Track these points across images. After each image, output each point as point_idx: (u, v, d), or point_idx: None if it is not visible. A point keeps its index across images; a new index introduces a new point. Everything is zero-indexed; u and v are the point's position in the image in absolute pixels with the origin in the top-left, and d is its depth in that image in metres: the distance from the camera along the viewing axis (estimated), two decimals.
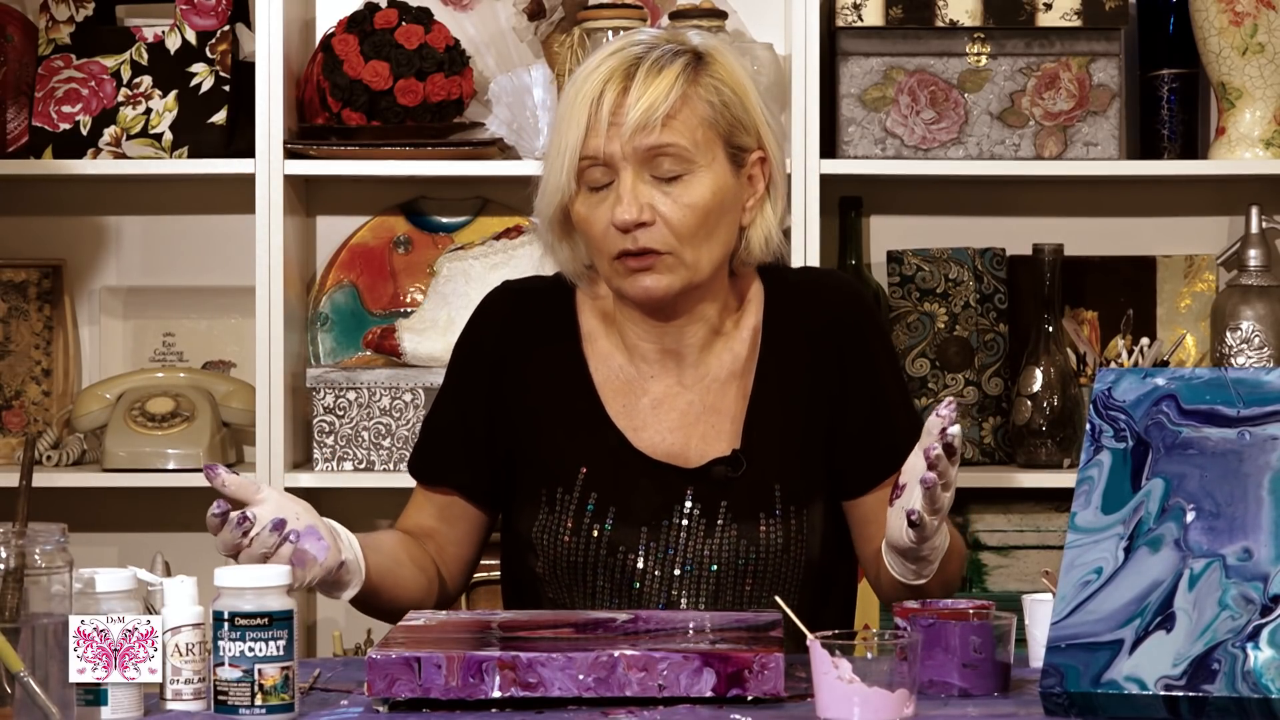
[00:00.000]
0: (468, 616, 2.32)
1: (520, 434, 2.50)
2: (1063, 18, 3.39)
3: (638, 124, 2.37)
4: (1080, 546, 2.02)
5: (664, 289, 2.41)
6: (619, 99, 2.38)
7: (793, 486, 2.45)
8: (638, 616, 2.25)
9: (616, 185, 2.39)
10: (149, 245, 3.65)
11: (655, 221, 2.38)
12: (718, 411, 2.48)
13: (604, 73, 2.40)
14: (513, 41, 3.56)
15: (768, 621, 2.20)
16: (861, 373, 2.49)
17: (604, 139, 2.38)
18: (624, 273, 2.40)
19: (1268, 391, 2.05)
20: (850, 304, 2.52)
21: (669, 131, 2.38)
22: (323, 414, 3.38)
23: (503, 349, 2.51)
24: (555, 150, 2.41)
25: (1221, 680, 1.89)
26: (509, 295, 2.56)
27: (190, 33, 3.49)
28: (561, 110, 2.42)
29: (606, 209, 2.39)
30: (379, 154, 3.38)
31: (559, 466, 2.46)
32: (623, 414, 2.48)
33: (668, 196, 2.39)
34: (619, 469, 2.46)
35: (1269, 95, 3.43)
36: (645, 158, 2.38)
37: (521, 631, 2.17)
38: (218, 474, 2.22)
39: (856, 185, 3.53)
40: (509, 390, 2.50)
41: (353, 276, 3.61)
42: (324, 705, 2.10)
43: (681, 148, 2.39)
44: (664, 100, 2.38)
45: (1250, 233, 3.45)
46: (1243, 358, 3.39)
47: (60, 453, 3.49)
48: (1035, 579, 3.31)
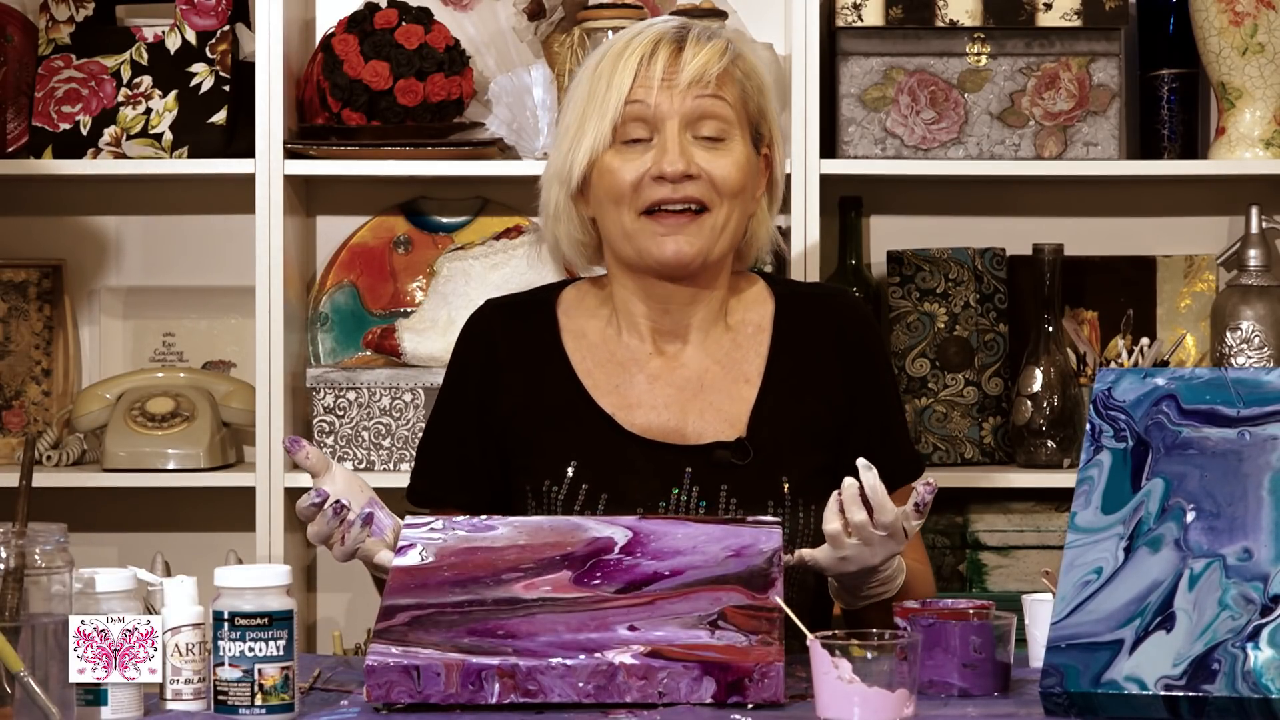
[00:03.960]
0: (464, 549, 2.23)
1: (511, 443, 2.51)
2: (1063, 18, 3.39)
3: (693, 78, 2.44)
4: (1080, 546, 2.02)
5: (694, 252, 2.45)
6: (673, 57, 2.45)
7: (801, 482, 2.46)
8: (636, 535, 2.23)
9: (659, 140, 2.44)
10: (149, 245, 3.65)
11: (700, 176, 2.44)
12: (717, 392, 2.50)
13: (653, 34, 2.47)
14: (513, 41, 3.56)
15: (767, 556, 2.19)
16: (868, 390, 2.54)
17: (655, 92, 2.44)
18: (651, 233, 2.44)
19: (1268, 391, 2.05)
20: (859, 322, 2.57)
21: (716, 98, 2.46)
22: (323, 414, 3.38)
23: (489, 364, 2.54)
24: (590, 108, 2.45)
25: (1221, 680, 1.89)
26: (491, 311, 2.60)
27: (190, 33, 3.49)
28: (601, 69, 2.47)
29: (642, 162, 2.45)
30: (379, 154, 3.38)
31: (549, 464, 2.48)
32: (615, 395, 2.50)
33: (709, 154, 2.46)
34: (610, 456, 2.47)
35: (1269, 95, 3.42)
36: (692, 117, 2.45)
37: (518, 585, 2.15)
38: (301, 446, 2.30)
39: (856, 185, 3.53)
40: (498, 403, 2.53)
41: (353, 276, 3.61)
42: (324, 705, 2.10)
43: (726, 114, 2.46)
44: (716, 64, 2.46)
45: (1250, 233, 3.44)
46: (1243, 358, 3.39)
47: (60, 453, 3.49)
48: (1035, 579, 3.30)
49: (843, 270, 3.51)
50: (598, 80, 2.46)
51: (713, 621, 2.09)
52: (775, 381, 2.51)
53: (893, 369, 2.59)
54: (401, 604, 2.13)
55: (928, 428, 3.47)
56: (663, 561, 2.18)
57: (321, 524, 2.25)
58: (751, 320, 2.55)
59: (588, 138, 2.45)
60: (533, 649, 2.05)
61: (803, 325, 2.55)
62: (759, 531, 2.23)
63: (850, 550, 2.25)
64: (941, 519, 3.39)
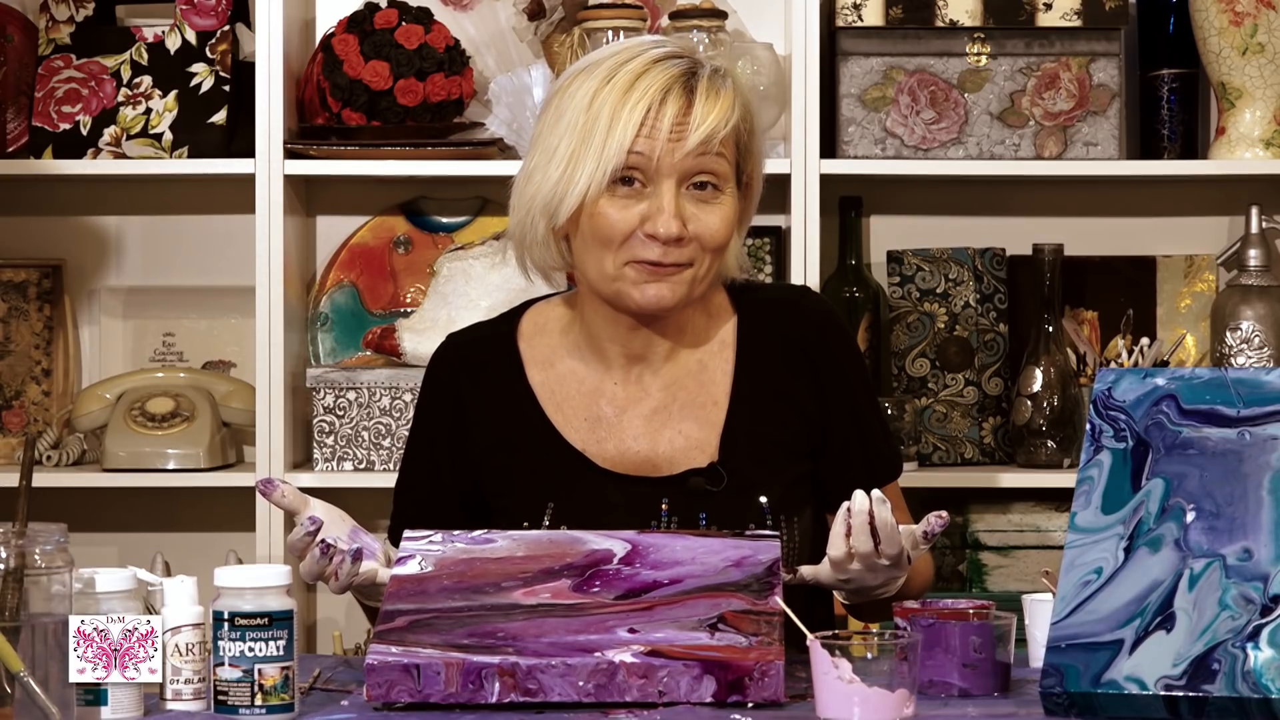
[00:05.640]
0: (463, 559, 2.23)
1: (488, 484, 2.49)
2: (1063, 18, 3.39)
3: (699, 142, 2.37)
4: (1080, 546, 2.02)
5: (675, 299, 2.40)
6: (683, 112, 2.37)
7: (779, 497, 2.44)
8: (635, 547, 2.22)
9: (654, 194, 2.38)
10: (149, 245, 3.65)
11: (691, 238, 2.39)
12: (687, 418, 2.47)
13: (662, 79, 2.37)
14: (513, 41, 3.56)
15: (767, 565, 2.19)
16: (839, 391, 2.50)
17: (659, 146, 2.37)
18: (636, 279, 2.40)
19: (1268, 391, 2.05)
20: (823, 323, 2.52)
21: (718, 158, 2.40)
22: (323, 414, 3.38)
23: (457, 402, 2.51)
24: (582, 148, 2.37)
25: (1221, 680, 1.89)
26: (453, 349, 2.55)
27: (190, 33, 3.49)
28: (595, 109, 2.37)
29: (635, 214, 2.38)
30: (379, 154, 3.38)
31: (526, 506, 2.45)
32: (585, 429, 2.47)
33: (701, 213, 2.39)
34: (586, 495, 2.44)
35: (1269, 95, 3.43)
36: (690, 174, 2.39)
37: (518, 592, 2.14)
38: (276, 487, 2.28)
39: (856, 185, 3.53)
40: (469, 445, 2.50)
41: (353, 276, 3.61)
42: (324, 705, 2.10)
43: (723, 170, 2.40)
44: (724, 126, 2.38)
45: (1250, 233, 3.44)
46: (1243, 358, 3.39)
47: (60, 453, 3.49)
48: (1035, 579, 3.30)
49: (843, 270, 3.51)
50: (597, 116, 2.37)
51: (712, 624, 2.09)
52: (743, 399, 2.48)
53: (864, 366, 2.56)
54: (401, 609, 2.13)
55: (928, 428, 3.47)
56: (662, 571, 2.18)
57: (311, 563, 2.24)
58: (716, 336, 2.51)
59: (581, 180, 2.37)
60: (533, 649, 2.05)
61: (766, 334, 2.50)
62: (758, 544, 2.24)
63: (852, 574, 2.26)
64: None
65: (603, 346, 2.48)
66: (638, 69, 2.39)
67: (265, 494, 2.29)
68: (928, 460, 3.47)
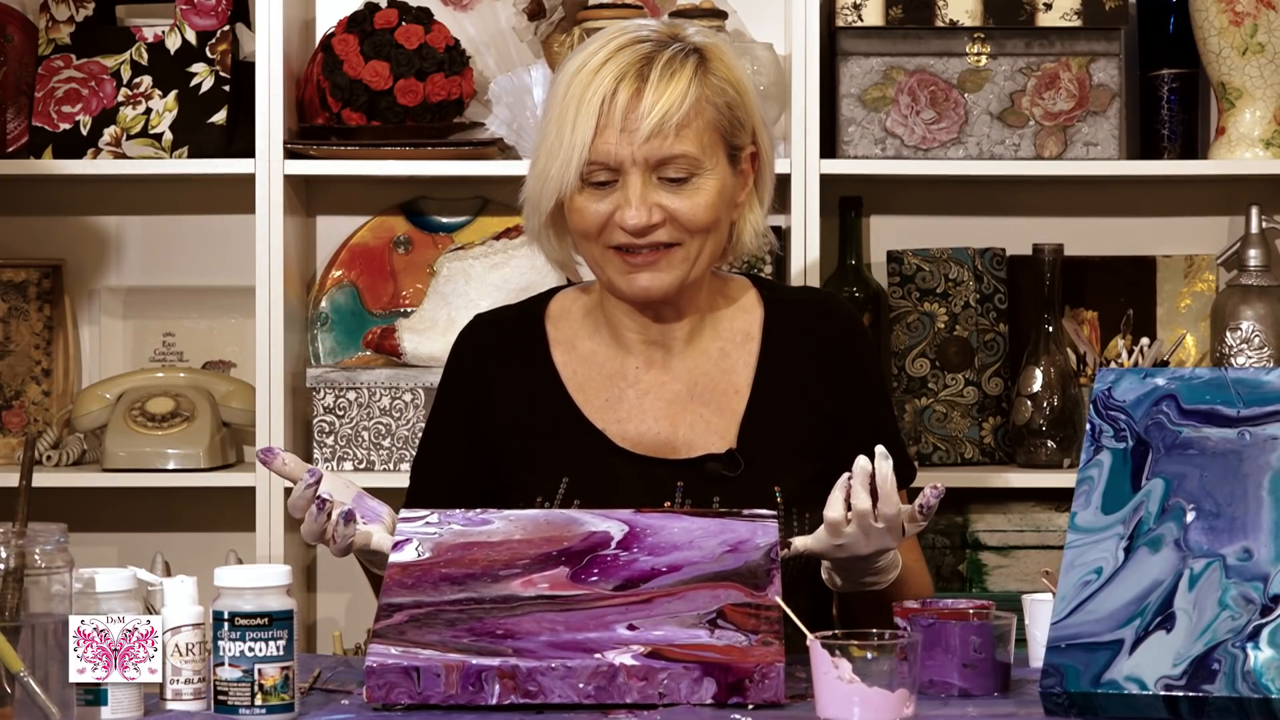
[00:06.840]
0: (460, 544, 2.23)
1: (504, 459, 2.51)
2: (1063, 18, 3.39)
3: (651, 131, 2.37)
4: (1080, 546, 2.02)
5: (663, 288, 2.42)
6: (632, 101, 2.38)
7: (794, 490, 2.45)
8: (633, 529, 2.22)
9: (622, 185, 2.40)
10: (149, 245, 3.65)
11: (664, 221, 2.40)
12: (706, 404, 2.49)
13: (615, 70, 2.38)
14: (513, 41, 3.56)
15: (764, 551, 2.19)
16: (860, 396, 2.52)
17: (615, 143, 2.38)
18: (620, 269, 2.42)
19: (1268, 391, 2.05)
20: (849, 329, 2.55)
21: (680, 140, 2.39)
22: (323, 414, 3.38)
23: (478, 381, 2.53)
24: (556, 143, 2.40)
25: (1221, 680, 1.89)
26: (480, 327, 2.58)
27: (190, 33, 3.49)
28: (565, 101, 2.40)
29: (608, 205, 2.41)
30: (379, 154, 3.38)
31: (541, 480, 2.46)
32: (605, 409, 2.49)
33: (676, 196, 2.40)
34: (602, 472, 2.46)
35: (1269, 95, 3.42)
36: (655, 162, 2.39)
37: (515, 582, 2.14)
38: (276, 455, 2.29)
39: (856, 185, 3.53)
40: (490, 420, 2.52)
41: (353, 276, 3.61)
42: (324, 705, 2.10)
43: (692, 153, 2.40)
44: (678, 109, 2.38)
45: (1250, 233, 3.44)
46: (1243, 358, 3.39)
47: (60, 453, 3.49)
48: (1035, 579, 3.30)
49: (843, 270, 3.51)
50: (565, 111, 2.39)
51: (711, 620, 2.09)
52: (765, 391, 2.50)
53: (883, 374, 2.58)
54: (399, 603, 2.13)
55: (928, 428, 3.47)
56: (660, 557, 2.18)
57: (310, 521, 2.25)
58: (740, 328, 2.53)
59: (553, 180, 2.40)
60: (532, 649, 2.05)
61: (792, 332, 2.53)
62: (755, 525, 2.23)
63: (846, 539, 2.25)
64: (941, 519, 3.39)
65: (622, 333, 2.50)
66: (601, 59, 2.40)
67: (266, 462, 2.30)
68: (928, 460, 3.47)
